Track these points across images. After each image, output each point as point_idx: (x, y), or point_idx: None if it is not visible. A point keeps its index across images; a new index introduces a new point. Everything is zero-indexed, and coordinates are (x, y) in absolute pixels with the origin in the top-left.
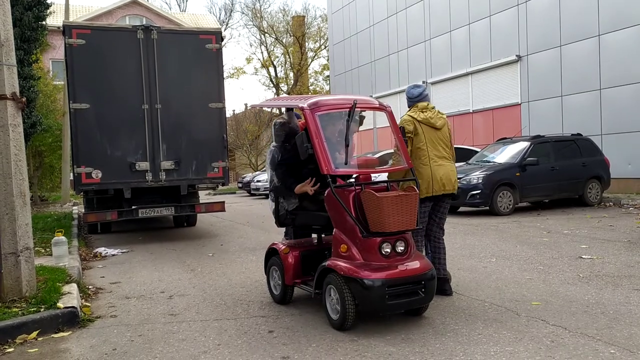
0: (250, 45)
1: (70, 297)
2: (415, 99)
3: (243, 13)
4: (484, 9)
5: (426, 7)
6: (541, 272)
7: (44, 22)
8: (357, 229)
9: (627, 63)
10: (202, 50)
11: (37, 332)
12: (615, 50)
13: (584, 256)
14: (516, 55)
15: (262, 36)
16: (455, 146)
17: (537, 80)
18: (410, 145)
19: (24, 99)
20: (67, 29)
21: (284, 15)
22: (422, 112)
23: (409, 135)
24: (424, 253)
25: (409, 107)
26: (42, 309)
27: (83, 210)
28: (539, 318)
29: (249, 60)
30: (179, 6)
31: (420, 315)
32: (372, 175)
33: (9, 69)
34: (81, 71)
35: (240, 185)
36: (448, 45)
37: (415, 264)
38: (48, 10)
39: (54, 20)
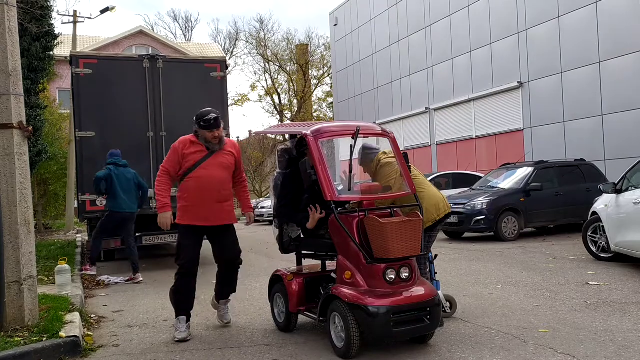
0: (255, 73)
1: (73, 326)
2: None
3: (247, 42)
4: (484, 36)
5: (427, 35)
6: (548, 298)
7: (51, 53)
8: (361, 256)
9: (628, 89)
10: (207, 78)
11: None
12: (616, 77)
13: (590, 282)
14: (518, 82)
15: (266, 64)
16: (458, 172)
17: (539, 106)
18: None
19: (30, 128)
20: (74, 59)
21: (287, 44)
22: (386, 154)
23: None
24: (429, 279)
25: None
26: (45, 339)
27: (87, 238)
28: (547, 346)
29: (253, 87)
30: (185, 36)
31: (426, 343)
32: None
33: (16, 98)
34: (87, 100)
35: None
36: (450, 73)
37: (420, 291)
38: (56, 41)
39: (62, 50)
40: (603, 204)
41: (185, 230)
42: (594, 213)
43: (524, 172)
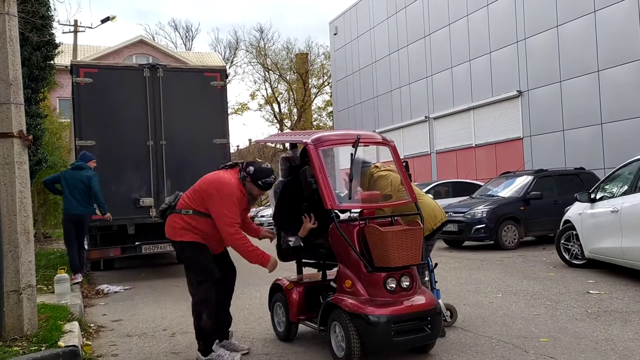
0: (255, 82)
1: (72, 336)
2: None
3: (247, 51)
4: (484, 45)
5: (427, 44)
6: (548, 307)
7: (52, 62)
8: (361, 264)
9: (627, 98)
10: (207, 87)
11: None
12: (615, 85)
13: (591, 291)
14: (517, 91)
15: (266, 73)
16: (458, 180)
17: (539, 114)
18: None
19: (30, 137)
20: (74, 68)
21: (287, 53)
22: (378, 167)
23: None
24: (429, 288)
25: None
26: (43, 348)
27: (85, 247)
28: (548, 355)
29: (253, 96)
30: (185, 45)
31: (426, 352)
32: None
33: (16, 107)
34: (88, 108)
35: None
36: (449, 81)
37: (420, 300)
38: (56, 50)
39: (62, 59)
40: (577, 212)
41: (197, 245)
42: (567, 221)
43: (523, 180)
